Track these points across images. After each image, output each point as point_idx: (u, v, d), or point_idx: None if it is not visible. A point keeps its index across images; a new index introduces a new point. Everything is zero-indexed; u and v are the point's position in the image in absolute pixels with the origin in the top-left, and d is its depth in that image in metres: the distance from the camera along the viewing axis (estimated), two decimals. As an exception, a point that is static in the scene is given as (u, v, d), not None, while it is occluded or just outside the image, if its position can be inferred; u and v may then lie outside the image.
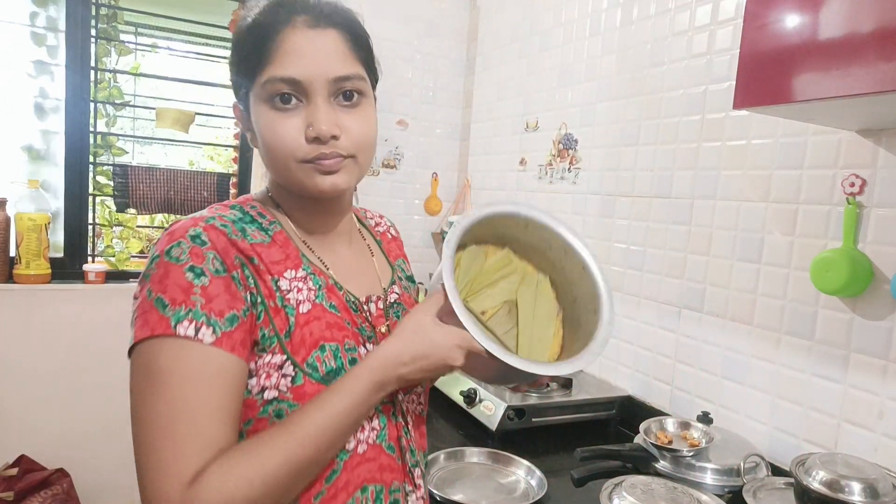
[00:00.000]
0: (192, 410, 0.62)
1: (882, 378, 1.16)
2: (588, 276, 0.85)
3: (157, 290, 0.64)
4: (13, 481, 2.04)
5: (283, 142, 0.70)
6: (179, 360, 0.63)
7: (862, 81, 0.86)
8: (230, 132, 2.78)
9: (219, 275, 0.66)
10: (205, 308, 0.64)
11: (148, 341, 0.63)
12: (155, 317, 0.63)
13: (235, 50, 0.74)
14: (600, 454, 1.35)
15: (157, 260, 0.66)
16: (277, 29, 0.70)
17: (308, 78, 0.70)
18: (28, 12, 2.20)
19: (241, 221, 0.72)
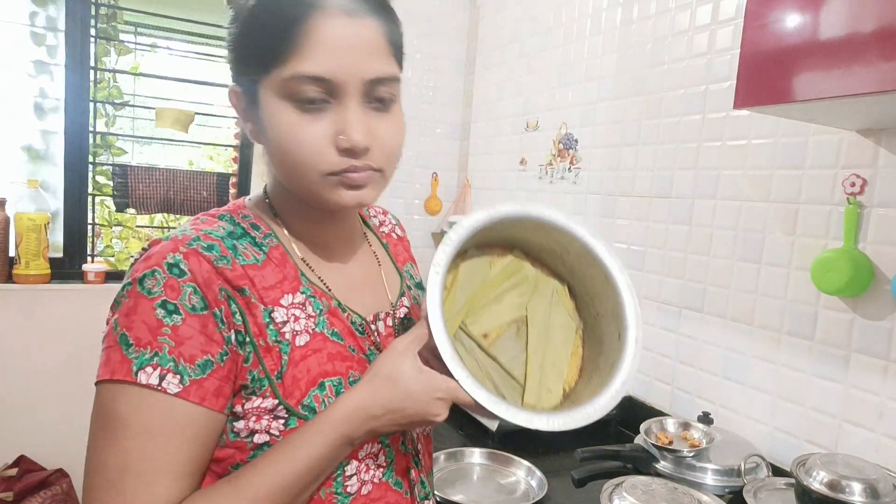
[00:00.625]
0: (145, 466, 0.56)
1: (883, 378, 1.15)
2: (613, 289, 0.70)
3: (122, 325, 0.57)
4: (13, 481, 2.04)
5: (308, 151, 0.60)
6: (139, 410, 0.55)
7: (863, 81, 0.86)
8: (230, 132, 2.78)
9: (195, 312, 0.57)
10: (173, 352, 0.56)
11: (108, 384, 0.56)
12: (117, 357, 0.56)
13: (244, 28, 0.61)
14: (600, 455, 1.35)
15: (129, 288, 0.58)
16: (307, 12, 0.58)
17: (342, 77, 0.59)
18: (28, 12, 2.20)
19: (231, 237, 0.62)
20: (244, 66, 0.63)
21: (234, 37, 0.63)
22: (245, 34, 0.62)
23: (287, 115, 0.59)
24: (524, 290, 0.72)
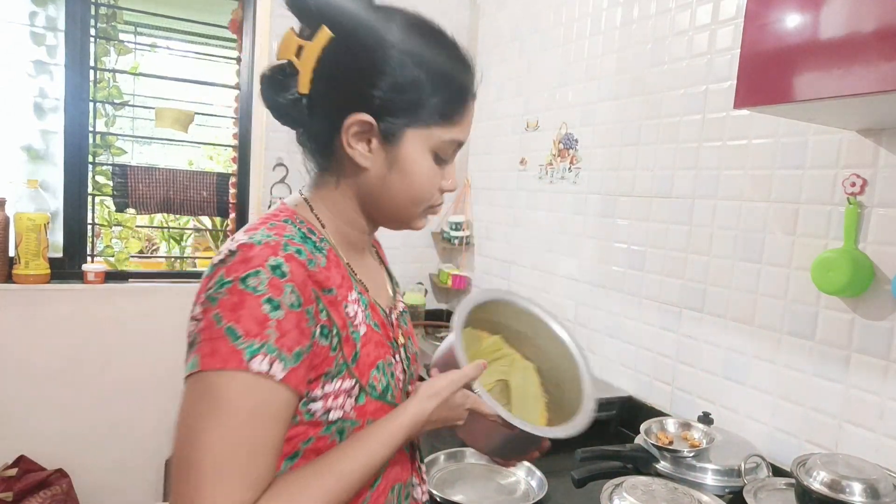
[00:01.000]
0: (252, 447, 0.62)
1: (883, 378, 1.15)
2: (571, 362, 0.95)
3: (228, 319, 0.62)
4: (13, 481, 2.04)
5: (429, 190, 0.77)
6: (249, 395, 0.62)
7: (863, 81, 0.86)
8: (229, 132, 2.77)
9: (293, 309, 0.65)
10: (277, 342, 0.63)
11: (217, 372, 0.62)
12: (226, 348, 0.62)
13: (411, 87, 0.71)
14: (601, 455, 1.35)
15: (230, 286, 0.64)
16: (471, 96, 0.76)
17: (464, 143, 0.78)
18: (27, 12, 2.20)
19: (304, 239, 0.71)
20: (399, 113, 0.72)
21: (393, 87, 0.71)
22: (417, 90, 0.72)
23: (428, 163, 0.75)
24: (504, 363, 0.94)
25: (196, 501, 0.60)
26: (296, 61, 0.73)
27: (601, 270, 1.88)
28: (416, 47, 0.73)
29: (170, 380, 2.39)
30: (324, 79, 0.72)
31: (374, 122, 0.72)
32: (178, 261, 3.04)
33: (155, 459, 2.39)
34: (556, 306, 2.08)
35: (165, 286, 2.39)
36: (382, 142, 0.73)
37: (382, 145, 0.73)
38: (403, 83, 0.71)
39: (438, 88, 0.73)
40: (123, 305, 2.29)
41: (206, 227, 3.31)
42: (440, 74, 0.73)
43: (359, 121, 0.72)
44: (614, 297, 1.82)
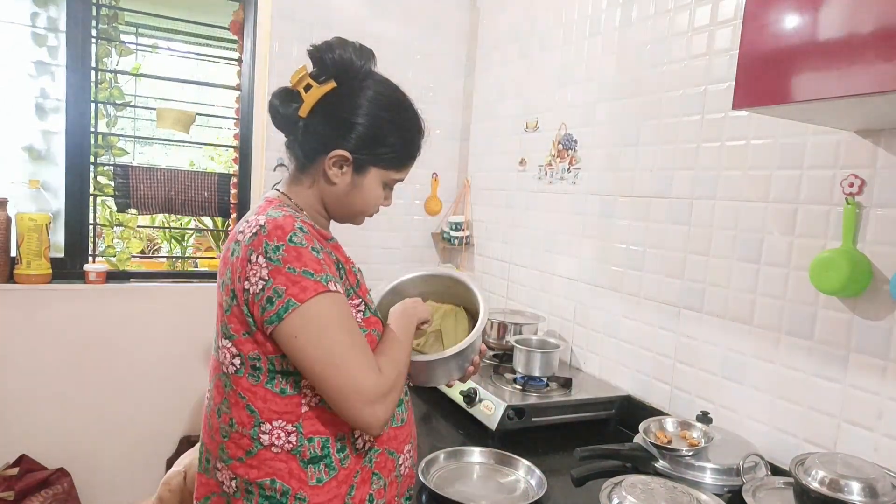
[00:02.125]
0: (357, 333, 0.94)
1: (881, 378, 1.16)
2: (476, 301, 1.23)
3: (299, 266, 0.89)
4: (13, 481, 2.04)
5: (374, 207, 1.07)
6: (337, 305, 0.91)
7: (861, 81, 0.86)
8: (230, 132, 2.78)
9: (324, 252, 0.95)
10: (329, 272, 0.92)
11: (313, 299, 0.88)
12: (310, 283, 0.89)
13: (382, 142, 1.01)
14: (600, 454, 1.35)
15: (284, 247, 0.90)
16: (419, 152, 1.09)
17: None
18: (29, 13, 2.21)
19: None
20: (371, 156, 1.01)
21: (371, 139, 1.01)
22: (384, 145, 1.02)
23: (378, 191, 1.05)
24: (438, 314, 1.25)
25: (353, 372, 0.89)
26: (302, 93, 1.00)
27: (600, 270, 1.88)
28: (393, 114, 1.02)
29: (171, 379, 2.40)
30: (321, 114, 1.00)
31: (350, 157, 1.00)
32: (179, 261, 3.04)
33: (156, 459, 2.40)
34: (556, 306, 2.09)
35: (167, 286, 2.40)
36: (353, 171, 1.02)
37: (352, 173, 1.02)
38: (378, 137, 1.01)
39: (400, 146, 1.04)
40: (125, 305, 2.30)
41: (207, 227, 3.32)
42: (403, 136, 1.04)
43: (341, 155, 1.00)
44: (613, 297, 1.83)
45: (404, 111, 1.05)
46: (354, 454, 0.99)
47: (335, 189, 1.03)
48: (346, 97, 1.00)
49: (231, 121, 2.59)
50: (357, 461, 0.99)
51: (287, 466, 0.94)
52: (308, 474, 0.94)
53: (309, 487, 0.94)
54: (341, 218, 1.09)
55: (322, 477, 0.95)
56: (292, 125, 1.03)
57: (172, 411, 2.41)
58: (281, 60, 2.39)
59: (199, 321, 2.42)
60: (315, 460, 0.95)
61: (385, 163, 1.03)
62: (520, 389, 1.69)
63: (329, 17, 2.44)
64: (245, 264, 0.90)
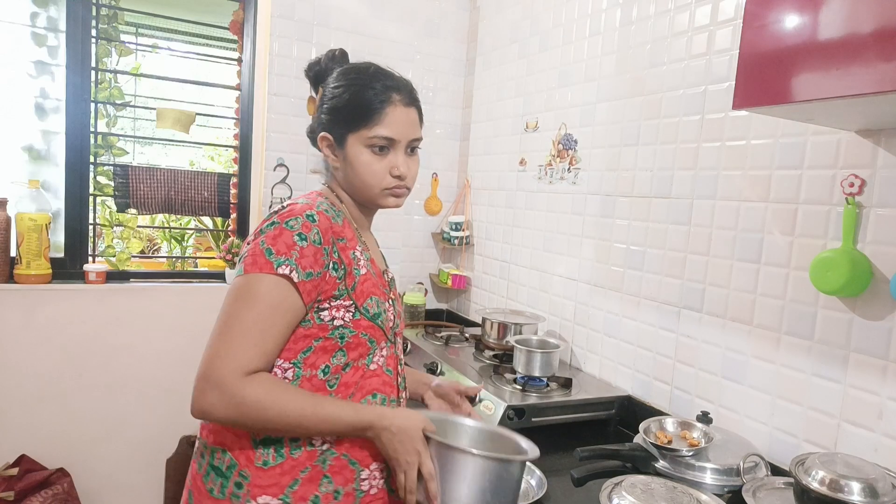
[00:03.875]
0: (268, 328, 0.93)
1: (882, 378, 1.16)
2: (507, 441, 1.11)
3: (268, 243, 0.94)
4: (13, 481, 2.04)
5: (377, 176, 1.06)
6: (271, 290, 0.93)
7: (862, 81, 0.86)
8: (230, 132, 2.78)
9: (315, 244, 0.96)
10: (297, 261, 0.94)
11: (254, 274, 0.93)
12: (263, 260, 0.93)
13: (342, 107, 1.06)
14: (600, 454, 1.35)
15: (276, 225, 0.96)
16: (384, 105, 1.05)
17: (398, 137, 1.06)
18: (28, 12, 2.20)
19: (329, 207, 1.04)
20: (340, 126, 1.06)
21: (333, 108, 1.07)
22: (344, 109, 1.06)
23: (366, 155, 1.06)
24: None
25: (222, 351, 0.91)
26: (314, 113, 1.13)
27: (600, 270, 1.88)
28: (343, 80, 1.08)
29: (171, 379, 2.40)
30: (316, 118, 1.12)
31: (330, 136, 1.08)
32: (179, 261, 3.04)
33: (156, 459, 2.40)
34: (556, 306, 2.09)
35: (167, 286, 2.40)
36: (338, 148, 1.08)
37: (339, 150, 1.08)
38: (336, 106, 1.07)
39: (355, 100, 1.05)
40: (124, 305, 2.30)
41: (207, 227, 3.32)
42: (353, 90, 1.06)
43: (322, 137, 1.10)
44: (613, 297, 1.83)
45: (353, 72, 1.09)
46: (308, 448, 0.98)
47: (339, 172, 1.10)
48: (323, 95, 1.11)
49: (231, 121, 2.59)
50: (309, 457, 0.98)
51: (239, 441, 0.97)
52: (256, 455, 0.96)
53: (254, 468, 0.96)
54: (363, 200, 1.11)
55: (269, 461, 0.96)
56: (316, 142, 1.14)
57: (172, 411, 2.41)
58: (281, 60, 2.39)
59: (199, 321, 2.42)
60: (267, 442, 0.96)
61: (350, 124, 1.05)
62: (520, 389, 1.69)
63: (329, 17, 2.44)
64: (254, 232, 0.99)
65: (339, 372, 1.01)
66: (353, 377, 1.02)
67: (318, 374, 0.99)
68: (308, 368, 0.99)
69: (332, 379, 1.00)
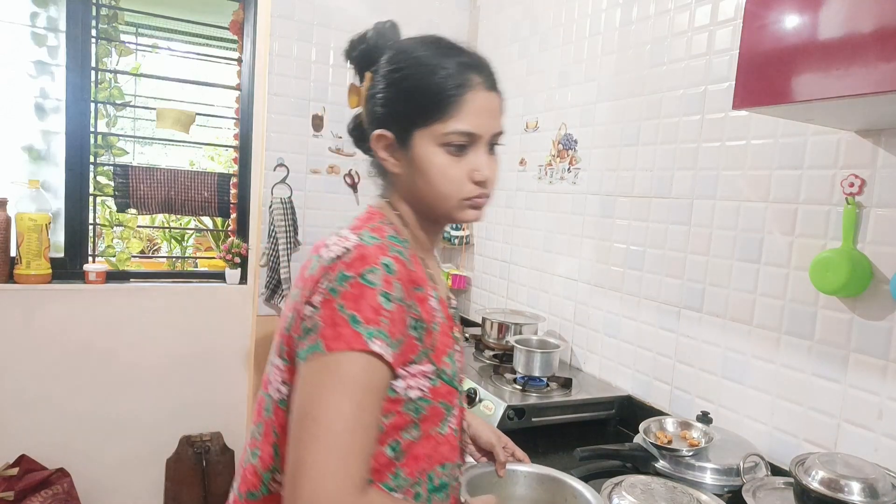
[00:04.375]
0: (369, 419, 0.72)
1: (882, 378, 1.16)
2: None
3: (350, 308, 0.72)
4: (13, 481, 2.04)
5: (454, 183, 0.83)
6: (366, 372, 0.71)
7: (862, 81, 0.86)
8: (230, 132, 2.78)
9: (400, 303, 0.76)
10: (388, 329, 0.73)
11: (342, 352, 0.71)
12: (348, 331, 0.71)
13: (406, 94, 0.83)
14: (600, 454, 1.35)
15: (351, 280, 0.74)
16: (462, 90, 0.82)
17: (480, 132, 0.83)
18: (28, 12, 2.20)
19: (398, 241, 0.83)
20: (403, 120, 0.83)
21: (392, 98, 0.84)
22: (407, 98, 0.83)
23: (441, 157, 0.83)
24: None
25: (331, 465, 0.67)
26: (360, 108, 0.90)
27: (600, 270, 1.88)
28: (406, 62, 0.84)
29: (171, 379, 2.40)
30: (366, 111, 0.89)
31: (389, 134, 0.85)
32: (179, 261, 3.04)
33: (156, 459, 2.40)
34: (556, 306, 2.09)
35: (167, 286, 2.39)
36: (399, 148, 0.85)
37: (401, 151, 0.85)
38: (398, 95, 0.84)
39: (422, 91, 0.82)
40: (124, 305, 2.30)
41: (207, 227, 3.32)
42: (423, 75, 0.82)
43: (378, 135, 0.85)
44: (613, 297, 1.83)
45: (417, 48, 0.86)
46: None
47: (404, 181, 0.87)
48: (376, 78, 0.87)
49: (231, 121, 2.59)
50: None
51: None
52: None
53: None
54: (435, 215, 0.89)
55: None
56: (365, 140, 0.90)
57: (172, 411, 2.41)
58: (281, 60, 2.39)
59: (199, 321, 2.42)
60: None
61: (418, 117, 0.82)
62: (520, 389, 1.69)
63: (329, 17, 2.44)
64: (315, 286, 0.76)
65: (409, 448, 0.82)
66: (425, 449, 0.84)
67: (386, 450, 0.79)
68: None
69: (400, 456, 0.81)
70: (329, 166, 2.51)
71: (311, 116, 2.46)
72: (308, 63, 2.43)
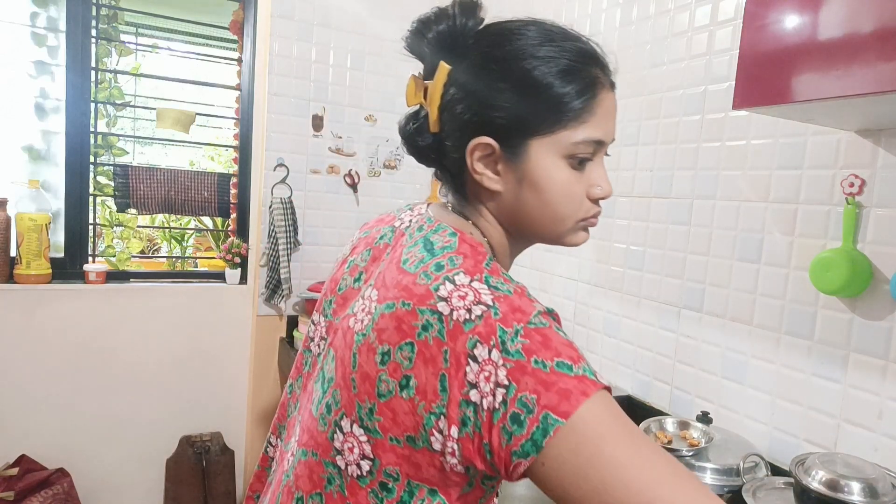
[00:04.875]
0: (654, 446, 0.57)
1: (882, 378, 1.16)
2: None
3: (549, 357, 0.57)
4: (13, 481, 2.04)
5: (574, 202, 0.69)
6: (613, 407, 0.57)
7: (862, 81, 0.86)
8: (230, 132, 2.78)
9: None
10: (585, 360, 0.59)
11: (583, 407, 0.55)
12: (571, 382, 0.56)
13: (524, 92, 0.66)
14: (600, 454, 1.35)
15: (523, 332, 0.58)
16: (598, 88, 0.70)
17: (608, 140, 0.71)
18: (28, 13, 2.20)
19: None
20: (514, 126, 0.67)
21: (499, 98, 0.67)
22: (523, 98, 0.66)
23: (563, 172, 0.68)
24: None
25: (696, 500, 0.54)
26: (424, 103, 0.72)
27: (600, 270, 1.88)
28: (522, 55, 0.68)
29: (171, 379, 2.40)
30: (447, 113, 0.70)
31: (495, 143, 0.68)
32: (179, 261, 3.04)
33: (156, 459, 2.40)
34: (556, 306, 2.09)
35: (167, 286, 2.40)
36: (508, 160, 0.68)
37: (509, 164, 0.68)
38: (514, 95, 0.67)
39: (551, 89, 0.66)
40: (124, 306, 2.30)
41: (207, 227, 3.32)
42: (550, 74, 0.67)
43: (479, 144, 0.68)
44: (613, 297, 1.83)
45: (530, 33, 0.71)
46: None
47: (505, 201, 0.71)
48: (464, 71, 0.69)
49: (231, 121, 2.59)
50: None
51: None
52: None
53: None
54: (542, 239, 0.74)
55: None
56: (433, 152, 0.74)
57: (172, 411, 2.41)
58: (281, 60, 2.39)
59: (199, 321, 2.43)
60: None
61: (542, 123, 0.66)
62: (520, 389, 1.68)
63: (329, 17, 2.44)
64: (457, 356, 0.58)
65: None
66: None
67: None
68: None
69: None
70: (329, 166, 2.51)
71: (311, 116, 2.46)
72: (308, 63, 2.43)
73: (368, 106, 2.52)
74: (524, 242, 0.77)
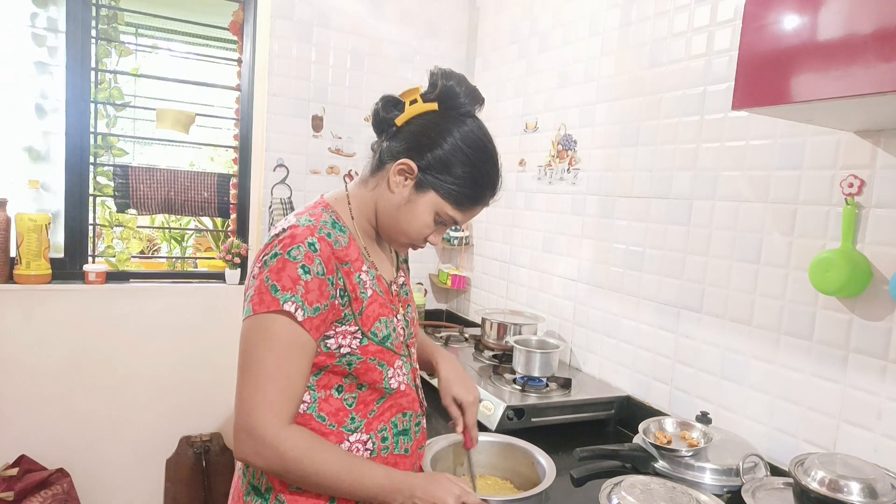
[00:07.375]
0: (291, 368, 0.91)
1: (881, 378, 1.16)
2: None
3: (273, 279, 0.90)
4: (13, 481, 2.04)
5: (417, 234, 1.03)
6: (284, 330, 0.90)
7: (861, 82, 0.86)
8: (230, 133, 2.78)
9: (319, 276, 0.92)
10: (303, 297, 0.90)
11: (263, 315, 0.90)
12: (269, 298, 0.90)
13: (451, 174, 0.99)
14: (599, 454, 1.35)
15: (279, 256, 0.91)
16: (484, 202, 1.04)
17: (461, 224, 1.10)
18: (28, 13, 2.21)
19: (332, 226, 0.98)
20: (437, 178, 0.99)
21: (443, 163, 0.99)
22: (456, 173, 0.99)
23: (429, 218, 1.02)
24: None
25: (257, 400, 0.89)
26: (407, 105, 1.03)
27: (600, 271, 1.88)
28: (474, 155, 1.00)
29: (171, 379, 2.40)
30: (413, 126, 1.02)
31: (416, 171, 1.00)
32: (179, 261, 3.04)
33: (156, 459, 2.40)
34: (555, 306, 2.09)
35: (166, 286, 2.40)
36: (414, 186, 1.01)
37: (412, 188, 1.01)
38: (449, 165, 0.99)
39: (467, 183, 1.00)
40: (124, 306, 2.30)
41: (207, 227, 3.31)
42: (474, 176, 1.00)
43: (408, 164, 1.00)
44: (613, 298, 1.83)
45: (487, 159, 1.02)
46: None
47: (391, 198, 1.02)
48: (441, 122, 1.01)
49: (231, 121, 2.59)
50: None
51: None
52: None
53: (289, 493, 0.97)
54: (385, 231, 1.06)
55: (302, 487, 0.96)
56: (386, 128, 1.05)
57: (172, 411, 2.41)
58: (281, 60, 2.39)
59: (199, 321, 2.42)
60: None
61: (445, 192, 1.00)
62: (519, 390, 1.69)
63: (329, 17, 2.45)
64: (256, 260, 0.95)
65: (354, 390, 1.00)
66: (372, 395, 1.02)
67: (333, 392, 0.99)
68: (322, 390, 0.99)
69: (348, 397, 1.00)
70: (329, 167, 2.52)
71: (310, 117, 2.46)
72: (308, 63, 2.43)
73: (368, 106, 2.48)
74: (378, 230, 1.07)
